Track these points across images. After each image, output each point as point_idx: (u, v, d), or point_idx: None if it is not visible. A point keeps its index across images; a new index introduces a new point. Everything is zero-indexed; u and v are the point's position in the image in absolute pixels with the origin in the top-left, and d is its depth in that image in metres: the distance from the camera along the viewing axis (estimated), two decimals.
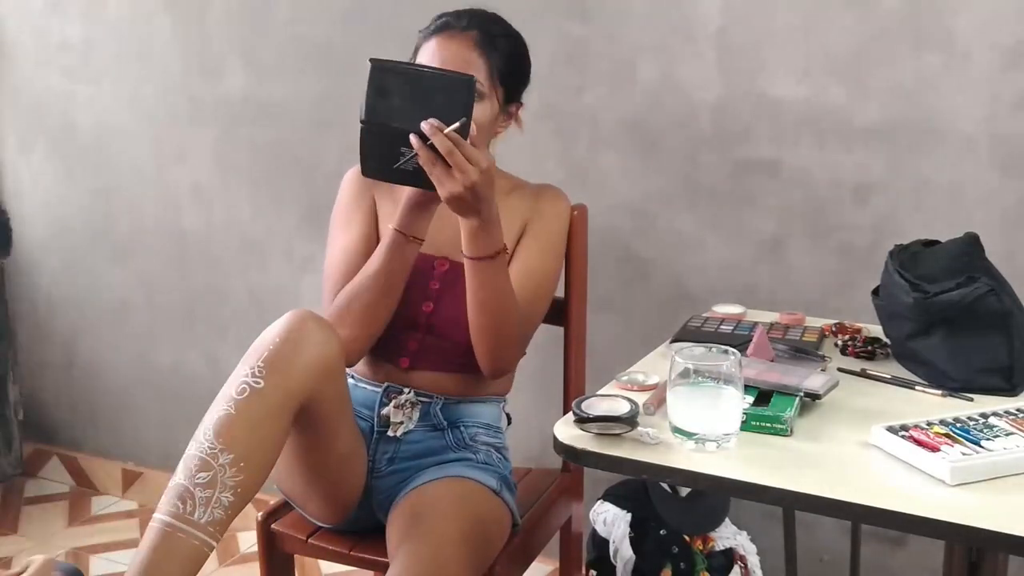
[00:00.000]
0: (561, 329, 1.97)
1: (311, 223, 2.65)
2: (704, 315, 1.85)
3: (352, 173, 1.90)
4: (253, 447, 1.52)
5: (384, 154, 1.57)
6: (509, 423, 1.94)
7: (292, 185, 2.67)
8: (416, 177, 1.57)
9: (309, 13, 2.55)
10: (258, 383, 1.53)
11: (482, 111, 1.71)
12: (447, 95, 1.53)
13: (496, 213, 1.64)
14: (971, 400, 1.48)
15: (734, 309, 1.86)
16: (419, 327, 1.80)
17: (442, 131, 1.51)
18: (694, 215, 2.25)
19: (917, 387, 1.53)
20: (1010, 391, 1.52)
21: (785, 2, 2.11)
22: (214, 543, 1.49)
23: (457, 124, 1.53)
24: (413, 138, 1.52)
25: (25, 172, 3.01)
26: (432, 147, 1.52)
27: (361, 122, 1.56)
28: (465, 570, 1.58)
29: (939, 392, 1.50)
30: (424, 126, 1.51)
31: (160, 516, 1.49)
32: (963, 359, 1.53)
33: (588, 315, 2.02)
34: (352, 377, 1.85)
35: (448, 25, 1.74)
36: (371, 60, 1.56)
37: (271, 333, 1.59)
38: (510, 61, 1.76)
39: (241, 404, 1.53)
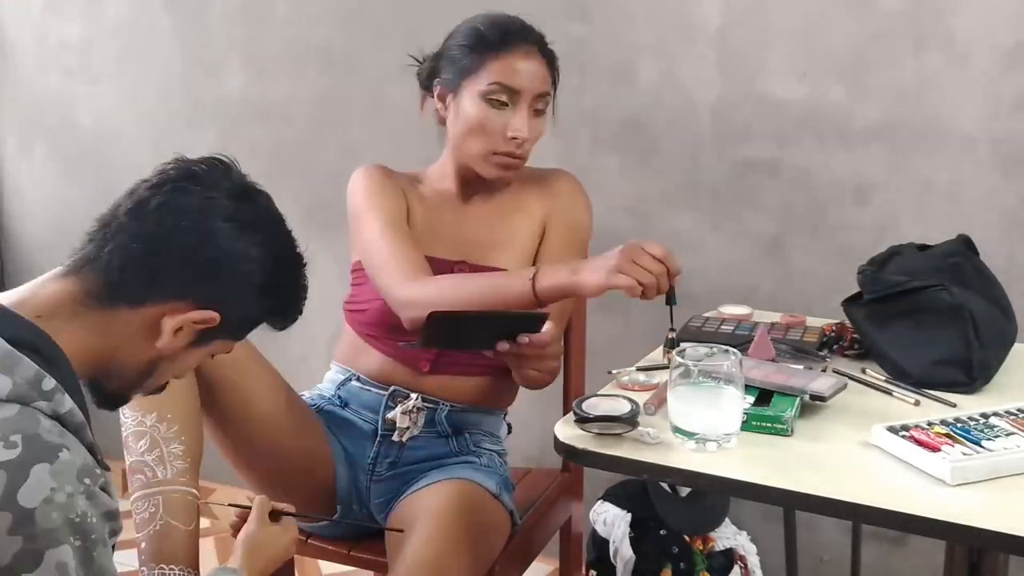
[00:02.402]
0: None
1: (311, 223, 2.64)
2: (705, 315, 1.85)
3: (367, 170, 1.82)
4: (167, 400, 1.55)
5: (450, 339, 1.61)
6: (509, 432, 1.94)
7: (292, 185, 2.67)
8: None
9: (309, 13, 2.55)
10: None
11: (545, 123, 1.77)
12: (519, 328, 1.56)
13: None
14: (954, 406, 1.47)
15: (741, 310, 1.86)
16: None
17: (534, 344, 1.55)
18: (694, 215, 2.25)
19: (895, 392, 1.52)
20: (969, 385, 1.52)
21: (785, 2, 2.11)
22: (194, 490, 1.58)
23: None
24: (510, 349, 1.55)
25: (25, 172, 3.01)
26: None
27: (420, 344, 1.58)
28: (466, 573, 1.58)
29: (912, 400, 1.49)
30: (512, 346, 1.55)
31: (133, 494, 1.60)
32: (918, 353, 1.54)
33: (588, 315, 2.02)
34: (358, 379, 1.84)
35: (517, 40, 1.72)
36: (430, 315, 1.51)
37: None
38: (555, 61, 1.79)
39: None
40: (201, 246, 1.18)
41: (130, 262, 1.16)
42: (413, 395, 1.78)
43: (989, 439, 1.30)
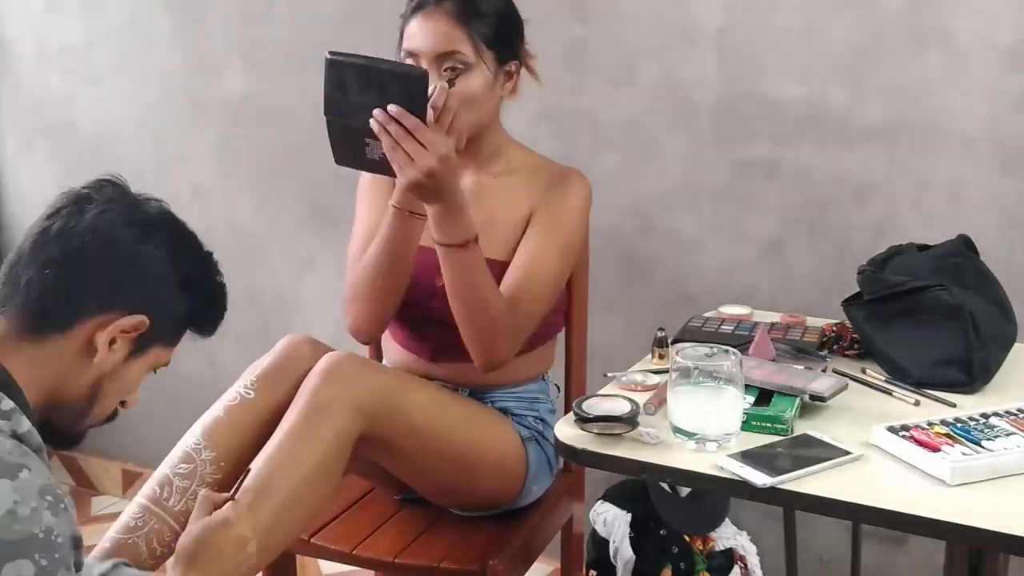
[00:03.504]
0: (562, 329, 1.97)
1: (311, 223, 2.64)
2: (705, 315, 1.85)
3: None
4: (234, 449, 1.61)
5: (351, 146, 1.59)
6: (559, 392, 1.94)
7: (292, 185, 2.67)
8: (385, 166, 1.57)
9: (309, 13, 2.55)
10: (249, 394, 1.66)
11: (472, 82, 1.68)
12: (401, 88, 1.53)
13: (463, 201, 1.61)
14: (954, 406, 1.47)
15: (741, 310, 1.86)
16: (433, 322, 1.78)
17: (395, 119, 1.51)
18: (694, 215, 2.25)
19: (895, 392, 1.52)
20: (969, 385, 1.52)
21: (785, 2, 2.11)
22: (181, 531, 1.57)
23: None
24: (374, 124, 1.53)
25: (25, 172, 3.01)
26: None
27: (324, 115, 1.59)
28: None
29: (912, 400, 1.49)
30: (377, 114, 1.52)
31: (138, 498, 1.59)
32: (919, 353, 1.54)
33: (589, 315, 2.02)
34: None
35: (423, 4, 1.70)
36: (328, 54, 1.57)
37: (268, 353, 1.71)
38: (494, 23, 1.71)
39: (231, 409, 1.65)
40: (109, 255, 1.20)
41: (47, 289, 1.17)
42: (433, 383, 1.79)
43: (989, 439, 1.30)
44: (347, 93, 1.56)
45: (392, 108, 1.51)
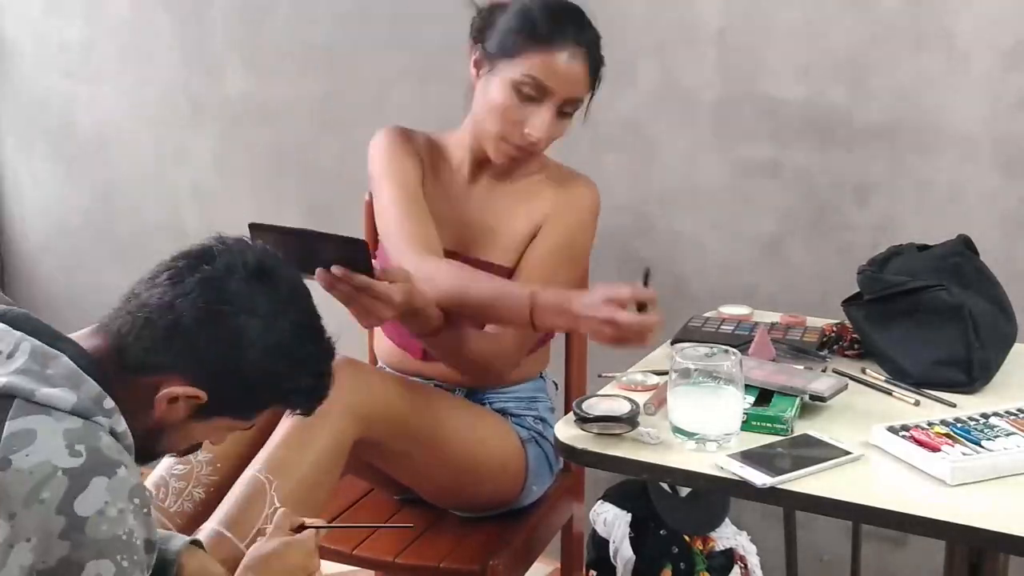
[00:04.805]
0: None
1: (310, 223, 2.63)
2: (705, 315, 1.85)
3: (388, 132, 1.79)
4: (230, 451, 1.60)
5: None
6: (557, 389, 1.93)
7: (292, 185, 2.67)
8: None
9: (309, 13, 2.55)
10: None
11: (573, 121, 1.71)
12: (342, 254, 1.49)
13: (421, 304, 1.59)
14: (954, 406, 1.47)
15: (741, 310, 1.86)
16: None
17: (345, 279, 1.48)
18: (694, 215, 2.25)
19: (895, 392, 1.52)
20: (969, 385, 1.52)
21: (785, 2, 2.11)
22: (178, 533, 1.55)
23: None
24: (321, 281, 1.48)
25: (25, 172, 3.01)
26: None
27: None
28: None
29: (912, 400, 1.49)
30: (321, 274, 1.48)
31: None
32: (919, 353, 1.54)
33: None
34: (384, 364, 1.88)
35: (564, 38, 1.65)
36: (249, 225, 1.48)
37: None
38: (600, 67, 1.73)
39: None
40: (195, 326, 1.16)
41: (133, 330, 1.17)
42: (426, 383, 1.79)
43: (989, 439, 1.30)
44: (283, 253, 1.39)
45: (336, 270, 1.48)
